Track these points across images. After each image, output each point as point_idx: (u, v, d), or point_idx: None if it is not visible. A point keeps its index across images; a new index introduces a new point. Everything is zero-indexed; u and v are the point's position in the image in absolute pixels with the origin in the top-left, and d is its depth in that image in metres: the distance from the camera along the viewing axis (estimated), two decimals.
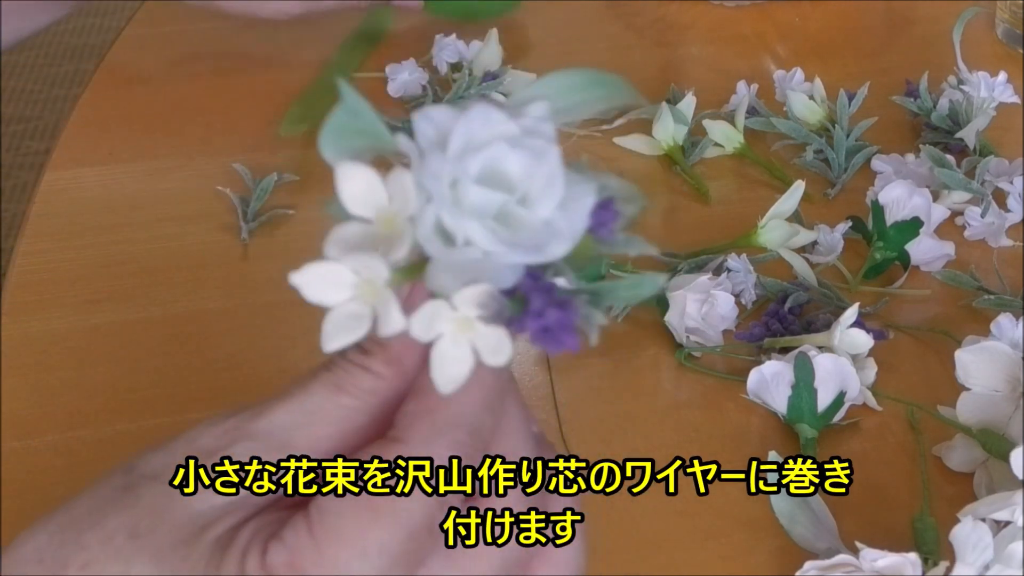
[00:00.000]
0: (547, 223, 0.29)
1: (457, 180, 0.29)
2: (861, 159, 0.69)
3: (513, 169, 0.29)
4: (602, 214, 0.30)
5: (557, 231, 0.29)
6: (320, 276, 0.29)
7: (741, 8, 0.85)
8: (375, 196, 0.29)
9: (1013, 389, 0.51)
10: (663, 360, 0.58)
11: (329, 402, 0.34)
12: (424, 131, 0.29)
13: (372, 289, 0.29)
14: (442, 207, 0.29)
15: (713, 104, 0.73)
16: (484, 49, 0.74)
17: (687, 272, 0.60)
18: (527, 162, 0.29)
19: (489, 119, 0.29)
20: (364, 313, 0.29)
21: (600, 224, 0.30)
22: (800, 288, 0.59)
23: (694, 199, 0.69)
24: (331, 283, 0.29)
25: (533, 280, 0.30)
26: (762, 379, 0.54)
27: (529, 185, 0.29)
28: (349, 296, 0.29)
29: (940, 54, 0.74)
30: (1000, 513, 0.43)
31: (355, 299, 0.29)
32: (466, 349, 0.30)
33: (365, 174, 0.29)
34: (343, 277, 0.29)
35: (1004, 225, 0.64)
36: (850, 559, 0.44)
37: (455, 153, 0.29)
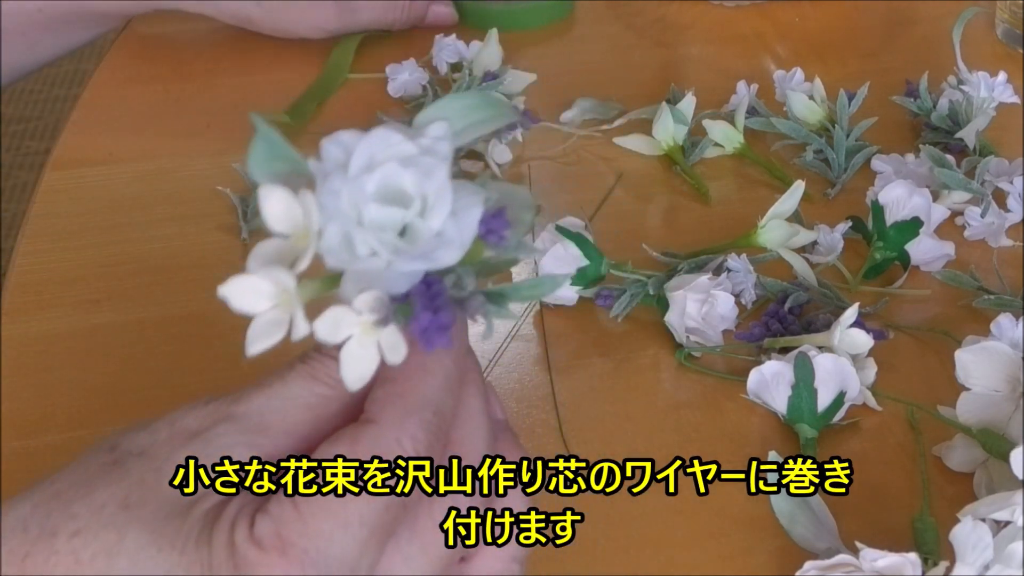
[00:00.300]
0: (439, 233, 0.32)
1: (356, 198, 0.32)
2: (861, 159, 0.69)
3: (407, 185, 0.32)
4: (492, 222, 0.33)
5: (447, 240, 0.32)
6: (243, 288, 0.32)
7: (741, 8, 0.85)
8: (292, 214, 0.32)
9: (1013, 389, 0.51)
10: (663, 360, 0.58)
11: (304, 390, 0.37)
12: (331, 153, 0.32)
13: (288, 298, 0.32)
14: (343, 223, 0.32)
15: (713, 104, 0.73)
16: (484, 49, 0.74)
17: (687, 272, 0.60)
18: (417, 179, 0.32)
19: (387, 141, 0.32)
20: (283, 320, 0.32)
21: (490, 231, 0.33)
22: (800, 288, 0.60)
23: (694, 199, 0.69)
24: (253, 294, 0.32)
25: (425, 286, 0.33)
26: (762, 379, 0.54)
27: (422, 199, 0.32)
28: (270, 305, 0.32)
29: (940, 54, 0.74)
30: (1000, 513, 0.43)
31: (276, 308, 0.32)
32: (372, 349, 0.33)
33: (282, 195, 0.32)
34: (263, 288, 0.32)
35: (1004, 225, 0.64)
36: (850, 559, 0.44)
37: (355, 172, 0.32)
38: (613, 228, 0.65)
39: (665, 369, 0.58)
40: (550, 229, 0.60)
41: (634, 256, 0.61)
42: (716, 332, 0.58)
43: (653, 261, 0.61)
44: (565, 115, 0.74)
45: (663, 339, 0.59)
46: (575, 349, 0.59)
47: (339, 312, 0.32)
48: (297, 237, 0.32)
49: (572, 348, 0.59)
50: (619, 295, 0.59)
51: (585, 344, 0.59)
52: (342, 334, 0.32)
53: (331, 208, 0.32)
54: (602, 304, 0.59)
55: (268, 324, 0.32)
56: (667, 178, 0.70)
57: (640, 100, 0.74)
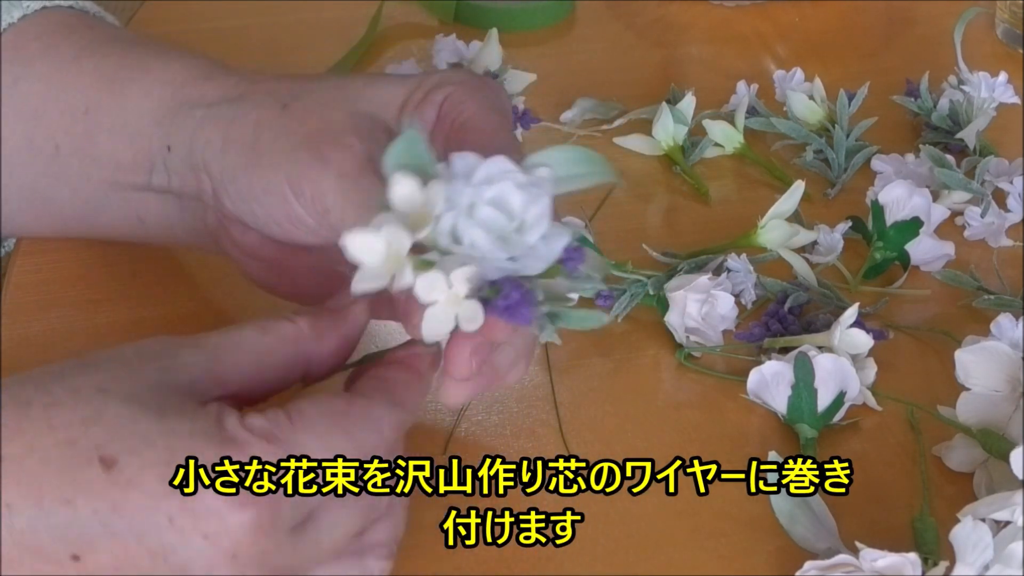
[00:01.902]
0: (531, 246, 0.40)
1: (474, 200, 0.39)
2: (861, 159, 0.69)
3: (515, 203, 0.39)
4: (572, 253, 0.40)
5: (537, 253, 0.40)
6: (363, 240, 0.38)
7: (741, 8, 0.85)
8: (414, 200, 0.39)
9: (1013, 389, 0.51)
10: (663, 360, 0.58)
11: (253, 337, 0.43)
12: (458, 164, 0.40)
13: (396, 258, 0.38)
14: (459, 216, 0.39)
15: (713, 104, 0.73)
16: (484, 49, 0.74)
17: (687, 272, 0.60)
18: (526, 200, 0.39)
19: (505, 167, 0.40)
20: (385, 274, 0.38)
21: (568, 259, 0.40)
22: (800, 288, 0.60)
23: (694, 199, 0.69)
24: (370, 247, 0.38)
25: (508, 280, 0.40)
26: (762, 379, 0.54)
27: (524, 217, 0.39)
28: (379, 260, 0.38)
29: (940, 54, 0.74)
30: (1000, 513, 0.43)
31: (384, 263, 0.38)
32: (451, 316, 0.39)
33: (412, 182, 0.39)
34: (378, 245, 0.38)
35: (1004, 225, 0.64)
36: (850, 559, 0.44)
37: (477, 181, 0.39)
38: (613, 228, 0.65)
39: (665, 369, 0.58)
40: None
41: (634, 256, 0.61)
42: (716, 332, 0.58)
43: (653, 261, 0.61)
44: (565, 115, 0.74)
45: (663, 339, 0.59)
46: (575, 349, 0.59)
47: (437, 278, 0.38)
48: (414, 218, 0.39)
49: (572, 348, 0.59)
50: (619, 295, 0.59)
51: (585, 344, 0.59)
52: (434, 296, 0.39)
53: (453, 202, 0.39)
54: (602, 304, 0.59)
55: (374, 273, 0.38)
56: (667, 178, 0.70)
57: (640, 100, 0.74)
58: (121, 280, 0.63)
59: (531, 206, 0.39)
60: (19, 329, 0.59)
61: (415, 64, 0.76)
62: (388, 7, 0.83)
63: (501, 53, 0.74)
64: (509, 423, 0.55)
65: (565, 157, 0.42)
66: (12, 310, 0.60)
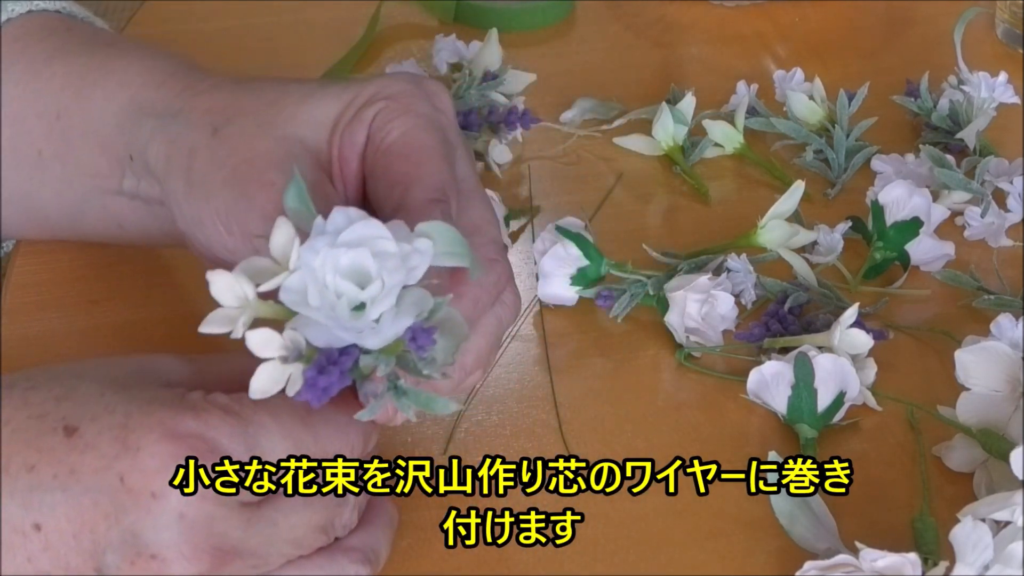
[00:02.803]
0: (374, 322, 0.38)
1: (328, 263, 0.38)
2: (861, 159, 0.69)
3: (371, 272, 0.38)
4: (421, 334, 0.38)
5: (378, 329, 0.38)
6: (221, 282, 0.38)
7: (741, 8, 0.85)
8: (285, 248, 0.38)
9: (1013, 389, 0.51)
10: (663, 360, 0.58)
11: (241, 358, 0.40)
12: (334, 219, 0.38)
13: (246, 305, 0.38)
14: (309, 275, 0.38)
15: (713, 104, 0.73)
16: (484, 49, 0.74)
17: (687, 272, 0.60)
18: (381, 271, 0.38)
19: (377, 232, 0.38)
20: (235, 319, 0.38)
21: (414, 339, 0.38)
22: (800, 288, 0.60)
23: (694, 199, 0.69)
24: (226, 290, 0.38)
25: (339, 351, 0.38)
26: (762, 379, 0.54)
27: (375, 288, 0.38)
28: (235, 304, 0.38)
29: (940, 54, 0.74)
30: (1000, 513, 0.43)
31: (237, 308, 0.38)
32: (282, 376, 0.38)
33: (287, 229, 0.38)
34: (233, 288, 0.38)
35: (1004, 225, 0.64)
36: (850, 559, 0.44)
37: (338, 242, 0.38)
38: (613, 228, 0.65)
39: (665, 369, 0.58)
40: (550, 229, 0.60)
41: (634, 256, 0.61)
42: (716, 332, 0.58)
43: (653, 261, 0.61)
44: (565, 115, 0.74)
45: (663, 339, 0.59)
46: (575, 349, 0.59)
47: (270, 336, 0.38)
48: (278, 268, 0.38)
49: (572, 348, 0.59)
50: (619, 295, 0.59)
51: (585, 344, 0.59)
52: (266, 353, 0.38)
53: (306, 259, 0.38)
54: (602, 304, 0.59)
55: (223, 316, 0.38)
56: (667, 178, 0.70)
57: (640, 100, 0.74)
58: (120, 280, 0.63)
59: (386, 277, 0.38)
60: (19, 329, 0.59)
61: (415, 64, 0.76)
62: (388, 7, 0.83)
63: (501, 53, 0.74)
64: (509, 423, 0.55)
65: (451, 236, 0.40)
66: (12, 310, 0.60)
